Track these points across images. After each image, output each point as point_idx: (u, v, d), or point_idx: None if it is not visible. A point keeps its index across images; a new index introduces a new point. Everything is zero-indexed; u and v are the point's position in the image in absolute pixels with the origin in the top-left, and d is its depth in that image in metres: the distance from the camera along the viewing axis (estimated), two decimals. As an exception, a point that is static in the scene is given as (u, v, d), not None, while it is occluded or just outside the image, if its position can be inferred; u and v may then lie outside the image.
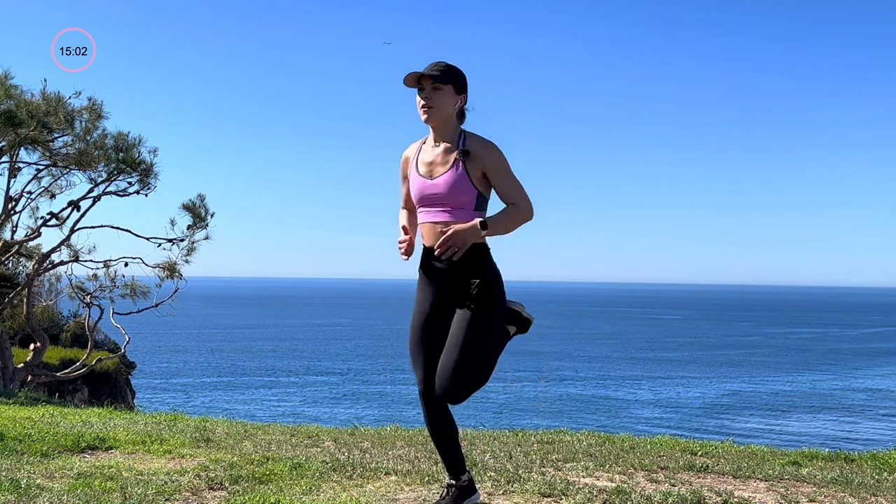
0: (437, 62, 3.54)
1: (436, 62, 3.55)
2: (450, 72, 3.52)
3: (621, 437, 6.07)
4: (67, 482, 4.10)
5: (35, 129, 14.05)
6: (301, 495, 3.90)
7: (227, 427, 6.48)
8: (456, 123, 3.58)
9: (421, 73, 3.49)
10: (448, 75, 3.51)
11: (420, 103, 3.52)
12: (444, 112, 3.51)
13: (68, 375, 18.58)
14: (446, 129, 3.56)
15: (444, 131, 3.56)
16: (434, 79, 3.48)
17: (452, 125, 3.57)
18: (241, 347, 67.33)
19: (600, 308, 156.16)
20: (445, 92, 3.50)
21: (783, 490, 4.30)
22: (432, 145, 3.59)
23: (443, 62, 3.54)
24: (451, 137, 3.56)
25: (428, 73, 3.48)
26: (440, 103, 3.50)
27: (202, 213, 17.41)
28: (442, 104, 3.50)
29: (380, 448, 5.38)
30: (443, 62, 3.54)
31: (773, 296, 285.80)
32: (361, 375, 50.21)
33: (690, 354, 66.17)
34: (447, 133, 3.56)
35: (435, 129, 3.58)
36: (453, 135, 3.56)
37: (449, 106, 3.52)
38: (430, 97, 3.49)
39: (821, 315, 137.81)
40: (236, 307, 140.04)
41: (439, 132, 3.57)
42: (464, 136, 3.56)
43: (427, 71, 3.49)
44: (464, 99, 3.57)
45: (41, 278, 21.43)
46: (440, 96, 3.50)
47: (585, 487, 4.15)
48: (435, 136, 3.59)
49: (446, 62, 3.55)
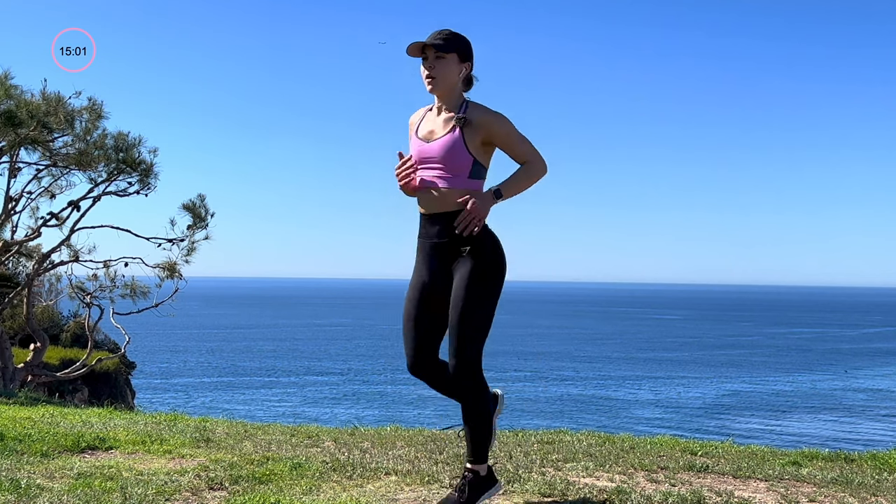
0: (441, 30, 3.51)
1: (439, 30, 3.51)
2: (454, 39, 3.48)
3: (621, 437, 6.07)
4: (67, 482, 4.10)
5: (35, 129, 14.06)
6: (301, 495, 3.90)
7: (227, 427, 6.47)
8: (461, 91, 3.57)
9: (424, 42, 3.46)
10: (452, 43, 3.47)
11: (424, 73, 3.50)
12: (449, 81, 3.50)
13: (68, 375, 18.58)
14: (451, 97, 3.54)
15: (448, 99, 3.55)
16: (437, 48, 3.45)
17: (457, 93, 3.56)
18: (241, 347, 67.35)
19: (600, 308, 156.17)
20: (449, 60, 3.48)
21: (783, 490, 4.30)
22: (436, 113, 3.59)
23: (447, 30, 3.51)
24: (455, 105, 3.54)
25: (431, 42, 3.45)
26: (444, 72, 3.47)
27: (202, 214, 17.41)
28: (446, 73, 3.48)
29: (380, 448, 5.38)
30: (447, 30, 3.51)
31: (773, 296, 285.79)
32: (362, 375, 50.24)
33: (690, 354, 66.18)
34: (451, 101, 3.55)
35: (440, 99, 3.56)
36: (456, 102, 3.55)
37: (453, 74, 3.50)
38: (433, 66, 3.46)
39: (821, 315, 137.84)
40: (236, 307, 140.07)
41: (444, 100, 3.55)
42: (466, 104, 3.54)
43: (430, 40, 3.46)
44: (469, 66, 3.55)
45: (41, 278, 21.42)
46: (444, 65, 3.47)
47: (585, 487, 4.14)
48: (439, 104, 3.58)
49: (450, 30, 3.51)
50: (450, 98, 3.54)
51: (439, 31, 3.49)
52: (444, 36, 3.47)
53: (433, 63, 3.46)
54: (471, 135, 3.47)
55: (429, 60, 3.46)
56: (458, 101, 3.54)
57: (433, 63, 3.46)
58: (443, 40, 3.45)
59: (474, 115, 3.48)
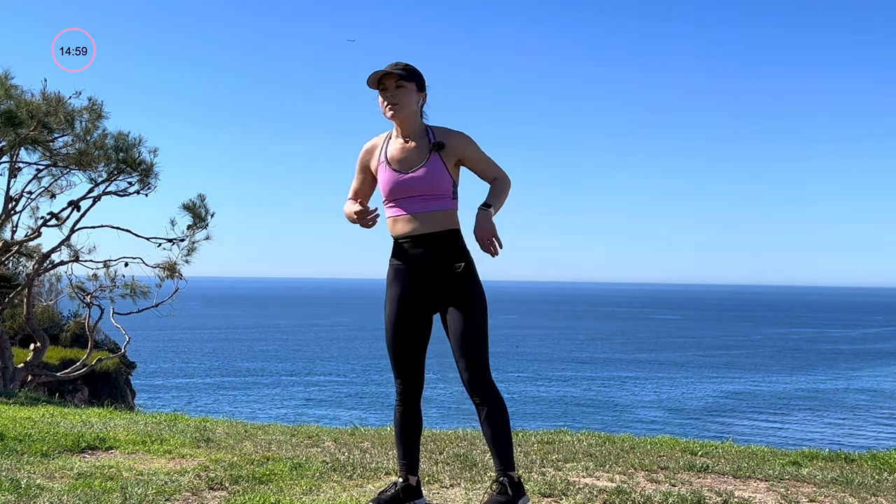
0: (397, 62, 3.67)
1: (395, 62, 3.67)
2: (412, 70, 3.66)
3: (621, 437, 6.07)
4: (67, 482, 4.10)
5: (35, 129, 14.06)
6: (301, 495, 3.90)
7: (228, 427, 6.48)
8: (420, 119, 3.71)
9: (383, 71, 3.60)
10: (411, 74, 3.64)
11: (384, 101, 3.63)
12: (409, 108, 3.64)
13: (68, 375, 18.59)
14: (412, 124, 3.68)
15: (410, 127, 3.67)
16: (399, 76, 3.60)
17: (417, 120, 3.69)
18: (241, 348, 67.35)
19: (600, 308, 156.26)
20: (409, 89, 3.63)
21: (783, 490, 4.30)
22: (401, 142, 3.69)
23: (402, 62, 3.67)
24: (419, 132, 3.68)
25: (391, 71, 3.59)
26: (405, 100, 3.62)
27: (202, 213, 17.41)
28: (406, 101, 3.62)
29: (380, 448, 5.38)
30: (402, 62, 3.67)
31: (772, 296, 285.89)
32: (363, 376, 50.23)
33: (690, 355, 66.19)
34: (414, 128, 3.68)
35: (401, 125, 3.68)
36: (420, 129, 3.69)
37: (413, 102, 3.65)
38: (394, 95, 3.61)
39: (821, 315, 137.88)
40: (237, 307, 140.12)
41: (406, 128, 3.68)
42: (431, 130, 3.69)
43: (390, 69, 3.61)
44: (424, 97, 3.71)
45: (41, 278, 21.41)
46: (404, 93, 3.62)
47: (585, 487, 4.15)
48: (402, 132, 3.69)
49: (405, 64, 3.67)
50: (412, 124, 3.67)
51: (396, 63, 3.66)
52: (402, 67, 3.64)
53: (394, 91, 3.61)
54: (447, 157, 3.64)
55: (389, 90, 3.61)
56: (420, 127, 3.69)
57: (394, 91, 3.61)
58: (402, 70, 3.62)
59: (445, 139, 3.65)
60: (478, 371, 3.55)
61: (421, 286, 3.64)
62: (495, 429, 3.57)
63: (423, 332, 3.71)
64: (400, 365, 3.71)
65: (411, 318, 3.68)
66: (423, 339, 3.73)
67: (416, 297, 3.66)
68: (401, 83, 3.61)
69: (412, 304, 3.67)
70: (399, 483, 3.73)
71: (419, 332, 3.70)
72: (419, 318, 3.68)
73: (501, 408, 3.58)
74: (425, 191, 3.59)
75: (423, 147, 3.64)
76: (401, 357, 3.70)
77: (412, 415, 3.74)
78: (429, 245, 3.60)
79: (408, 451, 3.76)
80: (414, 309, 3.67)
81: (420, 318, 3.69)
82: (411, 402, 3.73)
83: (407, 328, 3.68)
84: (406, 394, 3.73)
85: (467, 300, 3.58)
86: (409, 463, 3.76)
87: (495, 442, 3.56)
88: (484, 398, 3.56)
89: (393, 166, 3.66)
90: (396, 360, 3.71)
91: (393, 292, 3.70)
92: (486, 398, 3.56)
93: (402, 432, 3.76)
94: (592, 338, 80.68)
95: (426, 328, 3.73)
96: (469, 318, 3.56)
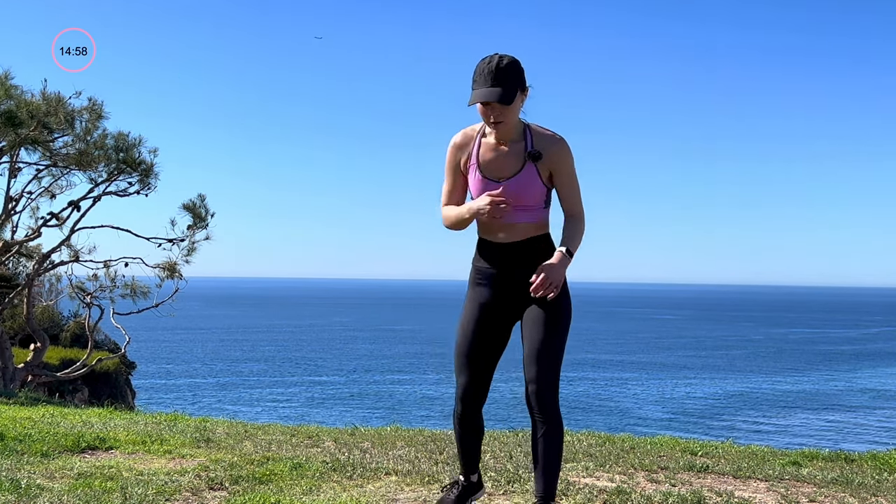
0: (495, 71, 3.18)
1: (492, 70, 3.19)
2: (512, 81, 3.21)
3: (621, 438, 6.08)
4: (67, 482, 4.10)
5: (35, 129, 14.07)
6: (301, 495, 3.90)
7: (228, 427, 6.48)
8: (518, 119, 3.34)
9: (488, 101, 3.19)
10: (513, 87, 3.20)
11: (487, 117, 3.26)
12: (514, 120, 3.29)
13: (68, 375, 18.59)
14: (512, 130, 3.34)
15: (509, 134, 3.34)
16: (503, 102, 3.19)
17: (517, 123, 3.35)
18: (241, 348, 67.35)
19: (600, 308, 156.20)
20: (514, 103, 3.23)
21: (783, 490, 4.30)
22: (493, 144, 3.36)
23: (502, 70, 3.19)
24: (516, 135, 3.33)
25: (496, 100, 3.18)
26: (511, 117, 3.26)
27: (202, 214, 17.43)
28: (513, 116, 3.27)
29: (380, 448, 5.38)
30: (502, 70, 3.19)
31: (772, 296, 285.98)
32: (365, 376, 50.22)
33: (690, 355, 66.20)
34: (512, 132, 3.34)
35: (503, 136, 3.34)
36: (518, 131, 3.34)
37: (517, 111, 3.29)
38: (501, 113, 3.23)
39: (821, 315, 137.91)
40: (237, 307, 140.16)
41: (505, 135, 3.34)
42: (530, 132, 3.34)
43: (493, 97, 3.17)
44: (527, 91, 3.31)
45: (41, 278, 21.43)
46: (510, 110, 3.24)
47: (585, 487, 4.15)
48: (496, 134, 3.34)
49: (505, 69, 3.20)
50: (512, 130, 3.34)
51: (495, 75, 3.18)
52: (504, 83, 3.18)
53: (500, 110, 3.22)
54: (542, 167, 3.33)
55: (495, 108, 3.21)
56: (518, 129, 3.34)
57: (500, 110, 3.22)
58: (505, 91, 3.18)
59: (544, 149, 3.31)
60: (546, 391, 3.31)
61: (507, 293, 3.41)
62: (548, 449, 3.32)
63: (500, 340, 3.49)
64: (470, 369, 3.46)
65: (492, 324, 3.45)
66: (499, 348, 3.50)
67: (501, 304, 3.43)
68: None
69: (495, 310, 3.44)
70: (461, 482, 3.64)
71: (497, 339, 3.48)
72: (500, 326, 3.46)
73: (560, 431, 3.35)
74: (517, 202, 3.31)
75: (519, 154, 3.31)
76: (472, 361, 3.46)
77: (473, 420, 3.54)
78: (518, 252, 3.36)
79: (468, 455, 3.60)
80: (496, 315, 3.44)
81: (500, 326, 3.46)
82: (473, 407, 3.51)
83: (485, 334, 3.45)
84: (467, 399, 3.49)
85: (553, 315, 3.34)
86: (470, 464, 3.63)
87: (545, 465, 3.32)
88: (546, 418, 3.32)
89: (484, 172, 3.35)
90: (468, 363, 3.46)
91: (476, 294, 3.46)
92: (549, 418, 3.32)
93: (463, 437, 3.57)
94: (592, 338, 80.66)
95: (504, 337, 3.49)
96: (550, 335, 3.32)
